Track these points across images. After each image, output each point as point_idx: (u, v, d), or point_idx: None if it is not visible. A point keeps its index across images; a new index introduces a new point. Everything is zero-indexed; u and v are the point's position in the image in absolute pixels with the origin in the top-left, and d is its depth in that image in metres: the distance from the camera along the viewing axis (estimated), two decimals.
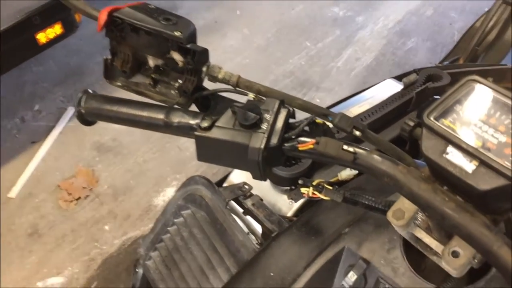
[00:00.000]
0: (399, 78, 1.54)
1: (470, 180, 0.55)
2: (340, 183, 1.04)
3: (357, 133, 0.68)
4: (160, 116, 0.71)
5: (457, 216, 0.56)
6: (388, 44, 3.29)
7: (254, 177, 0.69)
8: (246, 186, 1.17)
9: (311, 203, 1.07)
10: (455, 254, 0.63)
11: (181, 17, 0.71)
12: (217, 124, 0.67)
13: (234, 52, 3.27)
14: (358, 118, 1.35)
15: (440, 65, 2.24)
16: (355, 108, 1.44)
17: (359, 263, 0.82)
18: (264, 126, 0.65)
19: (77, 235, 2.32)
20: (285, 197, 1.17)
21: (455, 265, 0.63)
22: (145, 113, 0.72)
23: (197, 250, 1.12)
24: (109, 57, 0.73)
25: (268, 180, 1.20)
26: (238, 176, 1.29)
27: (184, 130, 0.70)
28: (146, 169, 2.57)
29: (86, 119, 0.77)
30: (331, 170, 1.11)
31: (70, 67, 3.08)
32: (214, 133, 0.67)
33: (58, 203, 2.42)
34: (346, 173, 1.01)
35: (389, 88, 1.57)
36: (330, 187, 0.85)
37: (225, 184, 1.31)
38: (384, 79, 1.60)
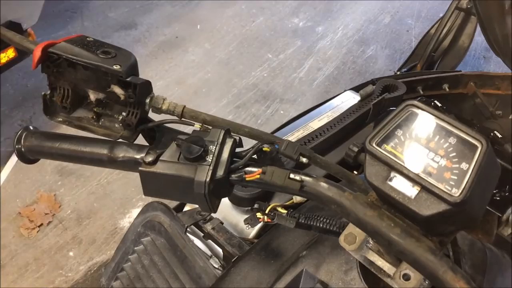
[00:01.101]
0: (357, 89, 1.56)
1: (413, 206, 0.55)
2: (296, 205, 1.04)
3: (304, 160, 0.67)
4: (104, 151, 0.69)
5: (402, 242, 0.57)
6: (348, 53, 3.34)
7: (203, 210, 0.68)
8: None
9: (275, 226, 1.06)
10: (406, 277, 0.63)
11: (121, 49, 0.70)
12: (161, 158, 0.66)
13: (196, 67, 3.26)
14: (317, 132, 1.35)
15: (397, 74, 2.28)
16: (315, 122, 1.45)
17: (317, 286, 0.82)
18: (209, 158, 0.64)
19: (40, 263, 2.25)
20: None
21: None
22: (88, 149, 0.70)
23: (159, 278, 1.10)
24: (48, 92, 0.71)
25: (229, 202, 1.19)
26: None
27: (129, 165, 0.69)
28: (110, 191, 2.52)
29: (27, 157, 0.74)
30: None
31: (27, 90, 3.01)
32: (159, 168, 0.65)
33: (19, 231, 2.35)
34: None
35: (348, 99, 1.59)
36: (285, 211, 0.84)
37: (186, 208, 1.29)
38: (344, 90, 1.62)
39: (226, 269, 0.96)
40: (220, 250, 1.12)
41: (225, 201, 1.17)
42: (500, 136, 1.25)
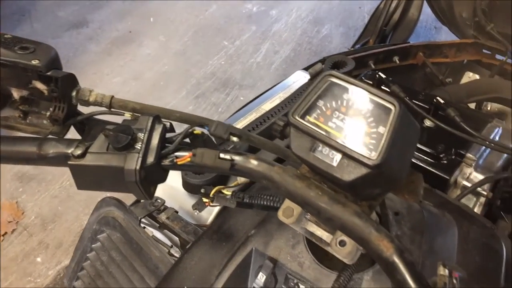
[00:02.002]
0: (308, 69, 1.57)
1: (336, 173, 0.56)
2: (247, 186, 1.05)
3: (235, 139, 0.68)
4: (33, 149, 0.68)
5: (329, 209, 0.58)
6: (304, 34, 3.36)
7: (138, 198, 0.68)
8: (159, 200, 1.16)
9: (227, 208, 1.07)
10: (342, 243, 0.65)
11: (40, 43, 0.68)
12: (90, 150, 0.65)
13: (152, 61, 3.22)
14: (269, 113, 1.36)
15: (348, 50, 2.30)
16: (267, 104, 1.46)
17: (266, 262, 0.83)
18: (139, 145, 0.64)
19: (8, 272, 2.21)
20: None
21: (343, 253, 0.65)
22: (16, 148, 0.69)
23: (118, 272, 1.10)
24: None
25: (184, 190, 1.19)
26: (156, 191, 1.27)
27: (59, 160, 0.68)
28: (73, 193, 2.48)
29: None
30: None
31: None
32: (88, 160, 0.65)
33: None
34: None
35: (299, 79, 1.60)
36: (229, 193, 0.85)
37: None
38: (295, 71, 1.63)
39: (180, 256, 0.96)
40: (177, 239, 1.13)
41: (180, 189, 1.17)
42: (442, 101, 1.28)
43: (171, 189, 1.22)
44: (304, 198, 0.60)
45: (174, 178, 1.21)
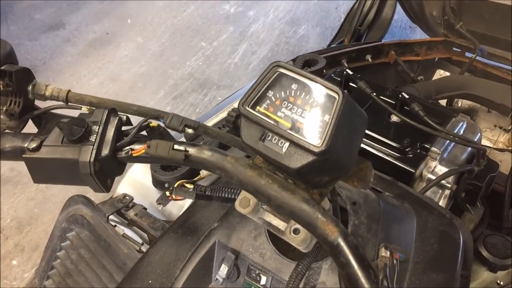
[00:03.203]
0: None
1: (284, 161, 0.57)
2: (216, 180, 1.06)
3: (190, 130, 0.69)
4: None
5: (279, 196, 0.59)
6: (281, 34, 3.38)
7: (95, 191, 0.68)
8: (127, 197, 1.16)
9: (193, 203, 1.08)
10: (296, 232, 0.66)
11: None
12: (45, 143, 0.66)
13: (129, 62, 3.21)
14: None
15: (322, 49, 2.33)
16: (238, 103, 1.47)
17: (228, 254, 0.84)
18: (93, 138, 0.65)
19: None
20: (174, 201, 1.17)
21: (297, 241, 0.66)
22: None
23: (88, 270, 1.10)
24: None
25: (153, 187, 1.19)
26: (125, 188, 1.27)
27: (15, 155, 0.68)
28: (50, 195, 2.46)
29: None
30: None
31: None
32: (43, 153, 0.65)
33: None
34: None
35: None
36: (191, 186, 0.86)
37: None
38: None
39: (145, 252, 0.97)
40: (147, 236, 1.14)
41: (150, 186, 1.18)
42: (407, 97, 1.30)
43: (141, 186, 1.23)
44: (255, 186, 0.61)
45: (144, 175, 1.22)
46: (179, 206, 1.19)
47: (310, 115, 0.59)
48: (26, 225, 2.35)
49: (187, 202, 1.14)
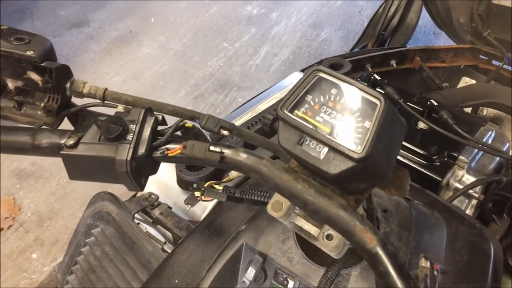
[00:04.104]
0: (305, 70, 1.58)
1: (322, 166, 0.57)
2: (241, 182, 1.06)
3: (225, 132, 0.69)
4: (26, 139, 0.69)
5: (316, 201, 0.59)
6: (303, 37, 3.37)
7: (130, 189, 0.69)
8: (153, 196, 1.17)
9: (219, 204, 1.08)
10: (329, 237, 0.66)
11: (35, 35, 0.69)
12: (82, 140, 0.66)
13: (152, 61, 3.23)
14: (265, 113, 1.37)
15: (347, 53, 2.32)
16: (263, 104, 1.47)
17: (255, 257, 0.84)
18: (130, 137, 0.65)
19: (3, 267, 2.21)
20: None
21: (330, 247, 0.66)
22: (10, 138, 0.70)
23: (111, 267, 1.11)
24: None
25: (178, 187, 1.20)
26: (149, 187, 1.28)
27: (52, 151, 0.69)
28: (70, 190, 2.49)
29: None
30: None
31: None
32: (80, 150, 0.66)
33: None
34: (236, 172, 1.03)
35: (295, 81, 1.61)
36: (221, 187, 0.86)
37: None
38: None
39: (171, 251, 0.97)
40: (171, 235, 1.14)
41: (174, 186, 1.18)
42: (436, 104, 1.29)
43: (166, 186, 1.23)
44: (291, 190, 0.61)
45: (169, 174, 1.22)
46: (202, 207, 1.19)
47: (349, 121, 0.58)
48: (46, 219, 2.37)
49: (211, 203, 1.15)
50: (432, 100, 1.30)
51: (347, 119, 0.59)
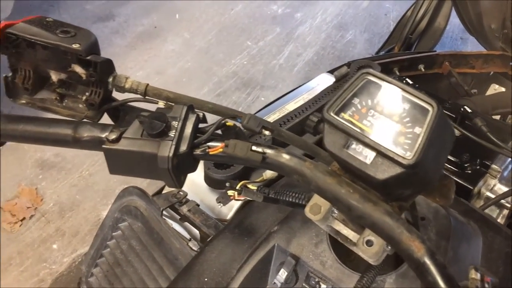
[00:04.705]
0: (333, 71, 1.57)
1: (369, 171, 0.56)
2: (270, 182, 1.05)
3: (267, 132, 0.68)
4: (68, 131, 0.69)
5: (361, 207, 0.58)
6: (328, 38, 3.35)
7: (169, 185, 0.68)
8: (181, 193, 1.17)
9: (249, 204, 1.07)
10: (369, 243, 0.65)
11: (81, 28, 0.70)
12: (124, 135, 0.66)
13: (175, 57, 3.24)
14: (292, 114, 1.36)
15: (374, 55, 2.30)
16: (291, 105, 1.46)
17: (288, 259, 0.83)
18: (172, 133, 0.65)
19: (24, 257, 2.24)
20: None
21: (370, 254, 0.65)
22: (51, 130, 0.70)
23: (137, 262, 1.11)
24: (10, 74, 0.71)
25: (205, 184, 1.19)
26: None
27: (93, 144, 0.69)
28: (92, 183, 2.51)
29: None
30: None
31: None
32: (122, 145, 0.65)
33: (1, 225, 2.33)
34: (271, 172, 1.02)
35: (324, 82, 1.60)
36: (255, 188, 0.85)
37: (165, 191, 1.30)
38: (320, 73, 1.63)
39: (201, 248, 0.97)
40: (197, 232, 1.14)
41: (201, 184, 1.18)
42: (470, 111, 1.27)
43: (193, 183, 1.23)
44: (335, 194, 0.60)
45: (196, 172, 1.22)
46: (228, 205, 1.18)
47: (398, 126, 0.57)
48: (67, 211, 2.40)
49: (237, 202, 1.14)
50: (466, 107, 1.28)
51: (395, 124, 0.57)
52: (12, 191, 2.45)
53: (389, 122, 0.58)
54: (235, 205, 1.15)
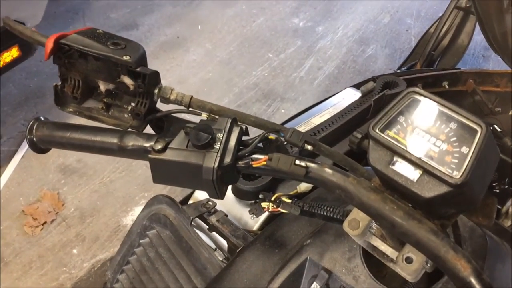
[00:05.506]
0: (358, 86, 1.58)
1: (415, 189, 0.57)
2: (300, 195, 1.06)
3: (309, 147, 0.69)
4: (114, 140, 0.71)
5: (405, 224, 0.58)
6: (348, 52, 3.36)
7: (211, 196, 0.69)
8: (210, 203, 1.17)
9: (275, 216, 1.08)
10: (408, 260, 0.65)
11: (130, 41, 0.72)
12: (170, 145, 0.67)
13: (197, 67, 3.28)
14: (319, 127, 1.37)
15: (397, 71, 2.30)
16: (316, 118, 1.47)
17: (321, 273, 0.83)
18: (217, 145, 0.66)
19: (44, 260, 2.27)
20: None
21: (409, 271, 0.65)
22: (98, 138, 0.72)
23: (164, 270, 1.12)
24: (59, 83, 0.73)
25: (232, 195, 1.20)
26: (203, 193, 1.28)
27: (138, 153, 0.70)
28: (113, 189, 2.54)
29: (39, 146, 0.76)
30: (294, 182, 1.13)
31: (30, 90, 3.03)
32: (168, 155, 0.67)
33: (23, 229, 2.36)
34: (305, 186, 1.03)
35: (349, 96, 1.61)
36: (289, 200, 0.86)
37: (190, 201, 1.31)
38: (345, 88, 1.64)
39: (231, 259, 0.98)
40: (224, 242, 1.14)
41: (229, 194, 1.19)
42: (499, 130, 1.27)
43: None
44: (379, 211, 0.60)
45: None
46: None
47: (445, 145, 0.58)
48: (88, 216, 2.42)
49: (264, 214, 1.15)
50: (495, 126, 1.28)
51: (442, 144, 0.58)
52: (34, 195, 2.49)
53: (435, 140, 0.59)
54: (261, 217, 1.16)
